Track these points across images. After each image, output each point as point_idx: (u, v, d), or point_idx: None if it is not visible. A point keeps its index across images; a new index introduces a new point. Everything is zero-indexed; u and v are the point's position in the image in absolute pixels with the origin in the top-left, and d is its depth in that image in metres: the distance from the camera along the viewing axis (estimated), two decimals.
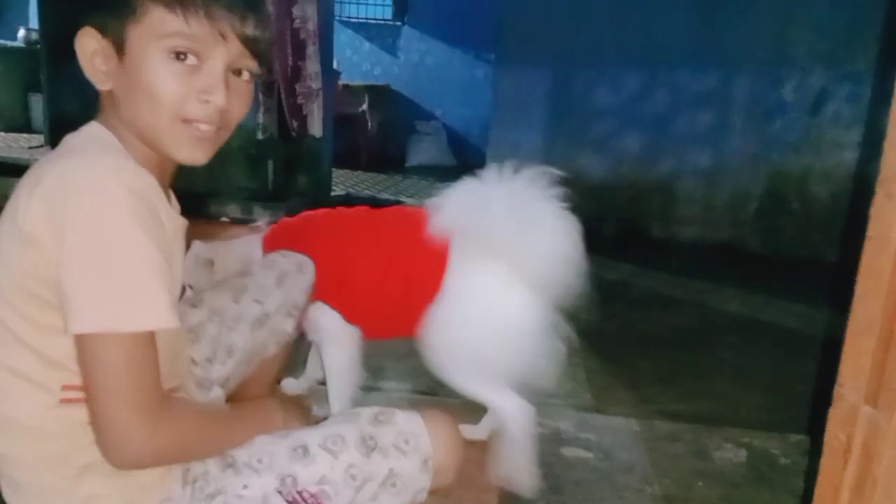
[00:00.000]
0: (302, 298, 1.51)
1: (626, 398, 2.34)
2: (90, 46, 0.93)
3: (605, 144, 4.75)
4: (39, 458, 0.95)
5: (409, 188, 6.27)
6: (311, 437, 1.05)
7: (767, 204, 4.64)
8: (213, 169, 1.02)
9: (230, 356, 1.37)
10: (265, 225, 1.75)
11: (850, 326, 0.98)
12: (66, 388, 0.92)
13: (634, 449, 1.97)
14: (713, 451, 2.00)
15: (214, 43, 0.92)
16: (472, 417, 1.99)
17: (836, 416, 0.98)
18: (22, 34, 7.26)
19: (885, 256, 0.86)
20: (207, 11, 0.90)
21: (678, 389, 2.46)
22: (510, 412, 1.56)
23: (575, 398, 2.33)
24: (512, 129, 4.85)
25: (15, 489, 0.99)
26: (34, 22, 7.02)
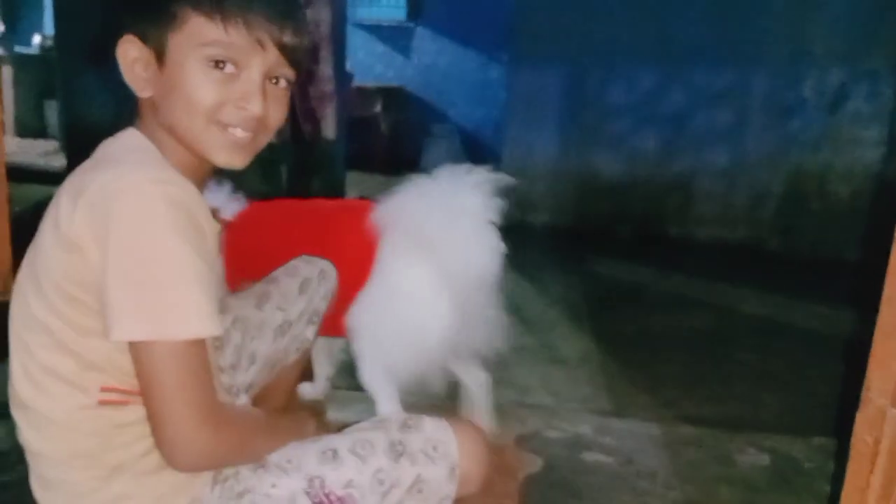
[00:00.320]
0: (323, 305, 1.53)
1: (645, 402, 2.31)
2: (131, 54, 0.95)
3: (620, 143, 4.71)
4: (72, 456, 0.97)
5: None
6: (340, 441, 1.06)
7: (787, 203, 4.58)
8: (226, 172, 1.02)
9: (253, 363, 1.40)
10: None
11: (878, 329, 0.95)
12: (104, 389, 0.94)
13: (655, 454, 1.93)
14: (735, 455, 1.96)
15: (252, 51, 0.94)
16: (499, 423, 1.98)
17: (863, 419, 0.97)
18: (37, 41, 7.31)
19: None
20: (246, 21, 0.92)
21: (699, 393, 2.43)
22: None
23: (594, 402, 2.31)
24: (526, 129, 4.83)
25: (46, 487, 1.01)
26: (49, 28, 7.08)
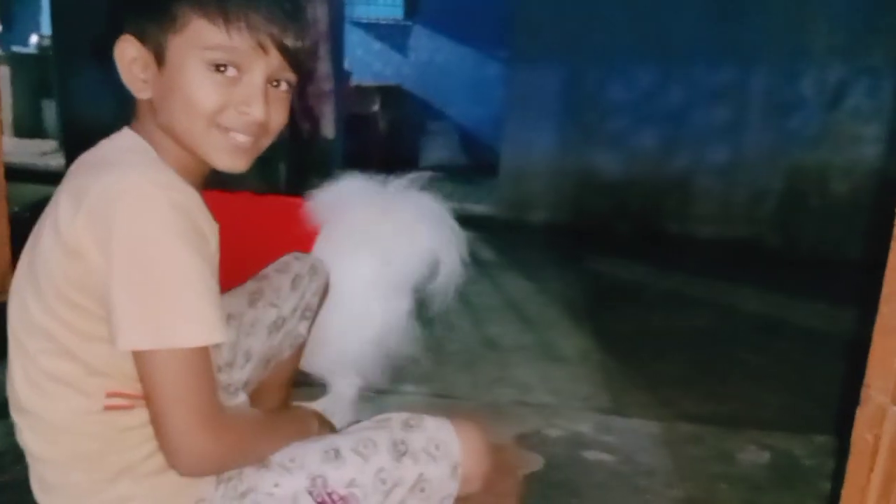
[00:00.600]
0: (315, 300, 1.54)
1: (645, 400, 2.30)
2: (129, 54, 0.94)
3: (619, 141, 4.71)
4: (75, 459, 0.96)
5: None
6: (342, 440, 1.06)
7: (786, 200, 4.58)
8: (218, 172, 1.02)
9: (248, 360, 1.40)
10: None
11: (877, 326, 0.95)
12: (110, 395, 0.94)
13: (656, 452, 1.93)
14: (736, 453, 1.96)
15: (255, 56, 0.93)
16: (495, 421, 1.98)
17: (863, 416, 0.97)
18: (34, 40, 7.30)
19: None
20: (249, 24, 0.91)
21: (698, 391, 2.42)
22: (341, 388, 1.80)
23: (593, 400, 2.30)
24: (525, 126, 4.83)
25: (47, 489, 1.01)
26: (46, 28, 7.07)
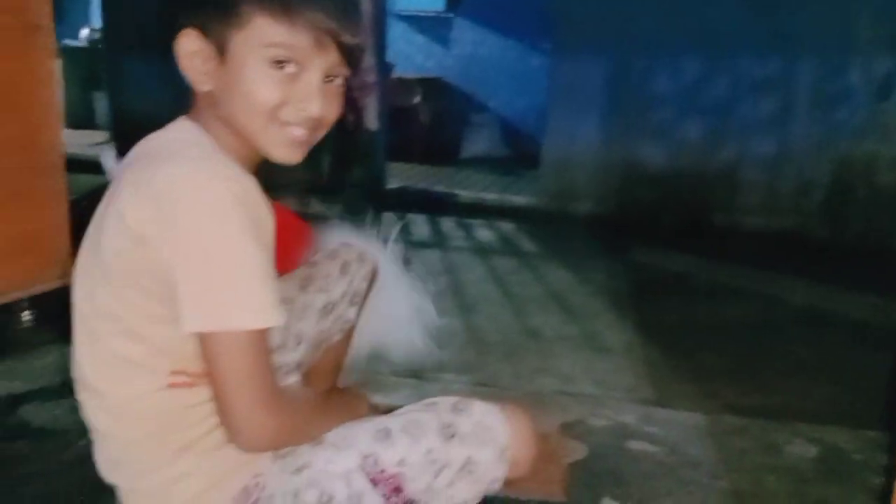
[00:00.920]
0: (364, 286, 1.56)
1: (689, 392, 2.30)
2: (191, 47, 0.97)
3: (664, 132, 4.66)
4: (139, 436, 1.01)
5: (463, 181, 6.26)
6: (393, 421, 1.08)
7: (833, 192, 4.49)
8: (268, 162, 1.06)
9: (300, 343, 1.44)
10: None
11: None
12: (174, 373, 0.98)
13: (701, 443, 1.92)
14: (783, 446, 1.94)
15: (314, 53, 0.95)
16: (539, 410, 1.98)
17: None
18: (84, 34, 7.46)
19: None
20: (310, 22, 0.93)
21: (744, 383, 2.40)
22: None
23: (637, 391, 2.30)
24: (569, 118, 4.80)
25: (113, 466, 1.06)
26: (96, 21, 7.22)
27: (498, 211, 5.08)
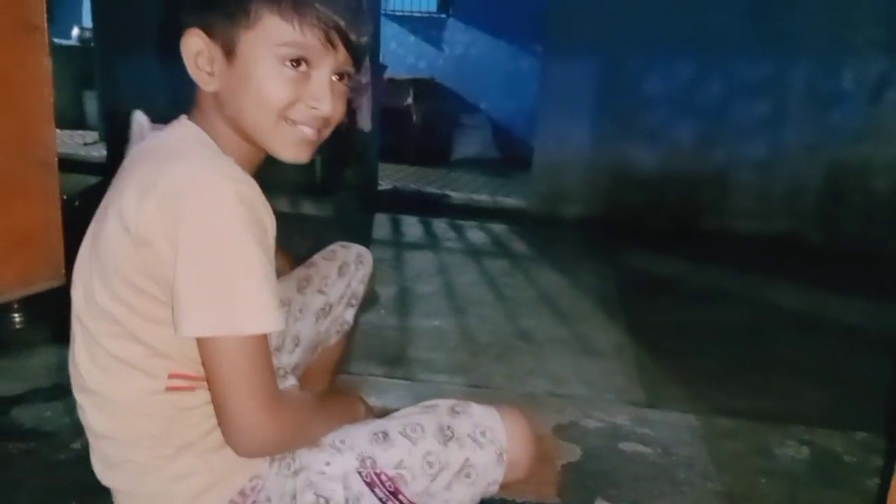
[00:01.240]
0: (361, 288, 1.56)
1: (680, 395, 2.30)
2: (195, 47, 0.96)
3: (656, 135, 4.67)
4: (138, 437, 1.00)
5: (454, 181, 6.27)
6: (390, 424, 1.08)
7: (826, 196, 4.52)
8: (263, 163, 1.06)
9: (297, 345, 1.44)
10: None
11: None
12: (172, 376, 0.97)
13: (693, 445, 1.93)
14: (775, 448, 1.95)
15: (324, 52, 0.95)
16: (532, 411, 1.98)
17: None
18: (76, 33, 7.43)
19: None
20: (321, 21, 0.93)
21: (735, 386, 2.42)
22: None
23: (629, 393, 2.31)
24: (560, 120, 4.81)
25: (110, 467, 1.04)
26: (87, 21, 7.19)
27: (489, 213, 5.09)
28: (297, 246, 1.62)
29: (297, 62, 0.94)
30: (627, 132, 4.71)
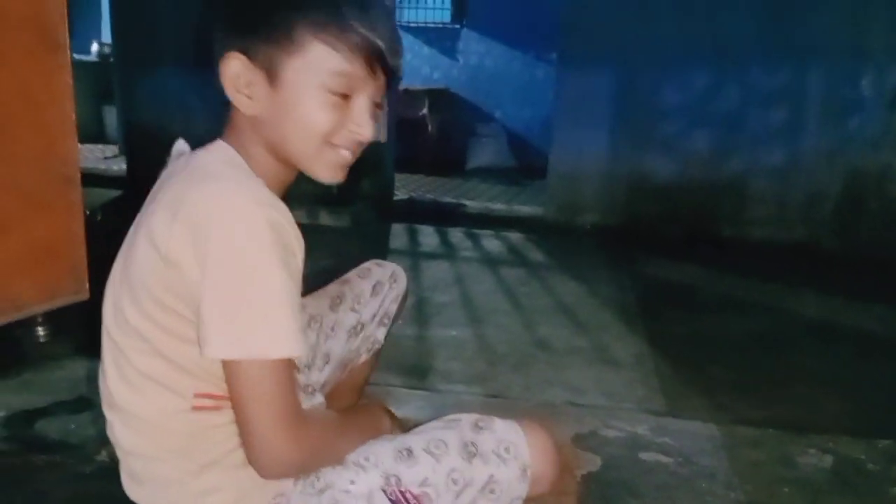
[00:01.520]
0: (394, 307, 1.55)
1: (700, 404, 2.29)
2: (235, 70, 0.97)
3: (672, 144, 4.66)
4: (164, 453, 1.01)
5: (470, 191, 6.28)
6: (414, 440, 1.08)
7: (844, 203, 4.47)
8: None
9: (327, 363, 1.44)
10: None
11: None
12: (198, 395, 0.98)
13: (715, 454, 1.92)
14: (797, 457, 1.94)
15: (368, 79, 0.98)
16: (551, 421, 1.98)
17: None
18: (95, 48, 7.52)
19: None
20: (365, 50, 0.95)
21: (755, 395, 2.40)
22: None
23: (649, 403, 2.29)
24: (575, 129, 4.81)
25: (137, 482, 1.06)
26: (106, 36, 7.27)
27: (506, 221, 5.09)
28: (313, 257, 1.63)
29: (341, 90, 0.96)
30: (643, 140, 4.70)
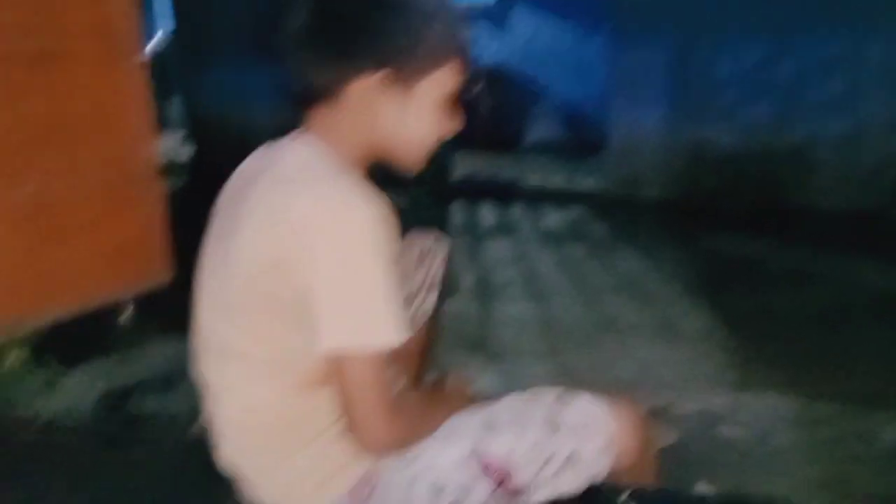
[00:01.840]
0: (441, 270, 1.58)
1: (772, 379, 2.26)
2: (376, 86, 1.02)
3: (732, 115, 4.56)
4: (263, 431, 1.08)
5: (528, 166, 6.24)
6: (499, 413, 1.13)
7: None
8: None
9: None
10: None
11: None
12: (300, 380, 1.04)
13: (789, 430, 1.90)
14: (876, 433, 1.90)
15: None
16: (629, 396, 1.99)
17: None
18: (154, 40, 7.65)
19: None
20: (468, 63, 1.07)
21: (827, 369, 2.36)
22: None
23: (720, 379, 2.28)
24: (632, 103, 4.75)
25: (237, 456, 1.13)
26: (164, 29, 7.39)
27: (565, 196, 5.06)
28: None
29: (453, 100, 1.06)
30: (702, 113, 4.62)
